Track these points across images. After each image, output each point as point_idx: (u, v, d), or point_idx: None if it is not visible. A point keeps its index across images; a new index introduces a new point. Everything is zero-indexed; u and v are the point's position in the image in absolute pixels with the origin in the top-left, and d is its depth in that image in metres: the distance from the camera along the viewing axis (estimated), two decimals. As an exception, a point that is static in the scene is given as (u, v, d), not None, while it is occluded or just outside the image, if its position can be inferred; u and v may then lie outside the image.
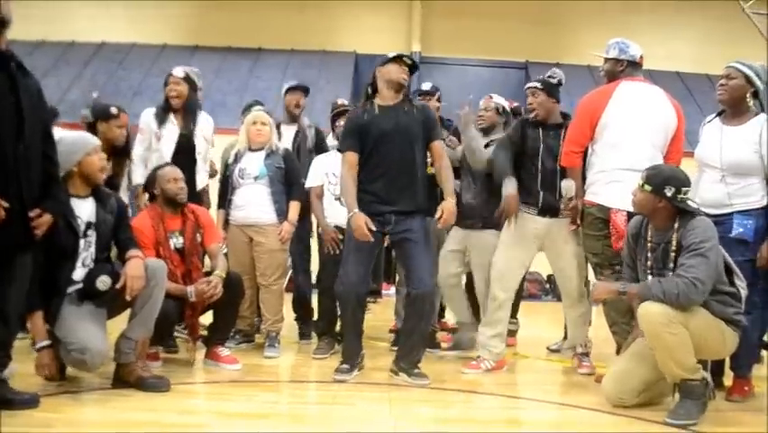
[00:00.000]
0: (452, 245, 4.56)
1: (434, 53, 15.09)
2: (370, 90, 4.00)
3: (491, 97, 4.76)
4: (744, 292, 3.33)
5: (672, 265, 3.30)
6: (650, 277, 3.38)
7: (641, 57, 4.04)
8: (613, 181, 3.84)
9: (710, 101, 3.76)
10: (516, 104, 5.50)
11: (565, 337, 4.84)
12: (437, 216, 3.79)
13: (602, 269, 3.94)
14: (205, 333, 4.24)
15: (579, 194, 4.01)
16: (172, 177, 4.10)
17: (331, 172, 4.70)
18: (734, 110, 3.74)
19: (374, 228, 3.76)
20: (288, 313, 5.25)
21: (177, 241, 4.05)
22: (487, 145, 4.49)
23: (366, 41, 14.90)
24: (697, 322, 3.19)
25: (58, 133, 3.34)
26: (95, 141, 3.62)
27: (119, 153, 4.54)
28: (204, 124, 4.84)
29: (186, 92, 4.78)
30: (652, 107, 3.96)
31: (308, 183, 4.76)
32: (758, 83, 3.71)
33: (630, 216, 3.64)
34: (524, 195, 4.20)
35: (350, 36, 15.10)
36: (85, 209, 3.50)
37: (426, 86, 5.23)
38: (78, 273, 3.45)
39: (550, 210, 4.18)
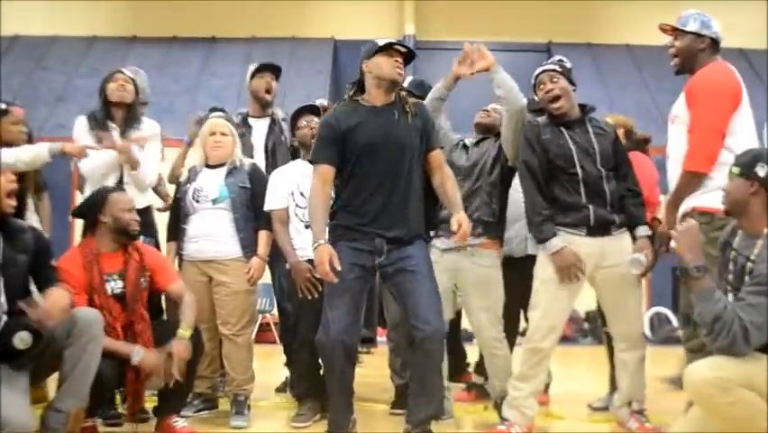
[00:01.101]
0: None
1: (432, 36, 15.20)
2: (354, 88, 3.98)
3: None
4: None
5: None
6: (730, 297, 3.31)
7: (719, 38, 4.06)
8: None
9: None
10: None
11: (612, 391, 4.81)
12: (453, 228, 3.77)
13: None
14: (152, 400, 4.20)
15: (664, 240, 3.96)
16: (128, 206, 4.15)
17: (298, 191, 4.65)
18: None
19: (338, 267, 3.69)
20: (269, 369, 5.24)
21: (115, 285, 4.03)
22: (478, 143, 4.54)
23: (347, 25, 14.99)
24: (763, 374, 3.07)
25: None
26: (2, 157, 3.60)
27: None
28: (148, 132, 4.88)
29: (133, 96, 4.88)
30: None
31: (268, 205, 4.68)
32: None
33: None
34: (566, 213, 4.15)
35: (326, 19, 15.19)
36: None
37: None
38: None
39: (602, 227, 4.14)
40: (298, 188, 4.64)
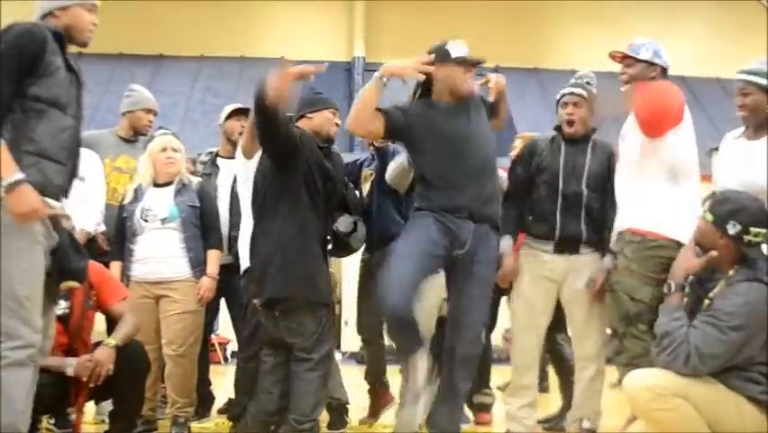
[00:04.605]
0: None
1: (383, 58, 15.18)
2: (419, 90, 4.01)
3: None
4: None
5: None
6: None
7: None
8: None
9: (722, 109, 3.89)
10: None
11: (565, 408, 4.85)
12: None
13: (637, 321, 3.80)
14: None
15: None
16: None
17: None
18: (757, 126, 3.86)
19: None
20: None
21: (60, 306, 3.82)
22: None
23: (296, 45, 14.99)
24: (700, 390, 3.16)
25: None
26: None
27: None
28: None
29: None
30: None
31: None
32: None
33: None
34: (536, 225, 4.26)
35: (275, 39, 15.19)
36: None
37: None
38: None
39: (569, 245, 4.21)
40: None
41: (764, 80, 3.77)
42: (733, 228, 3.27)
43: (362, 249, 4.81)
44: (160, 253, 4.55)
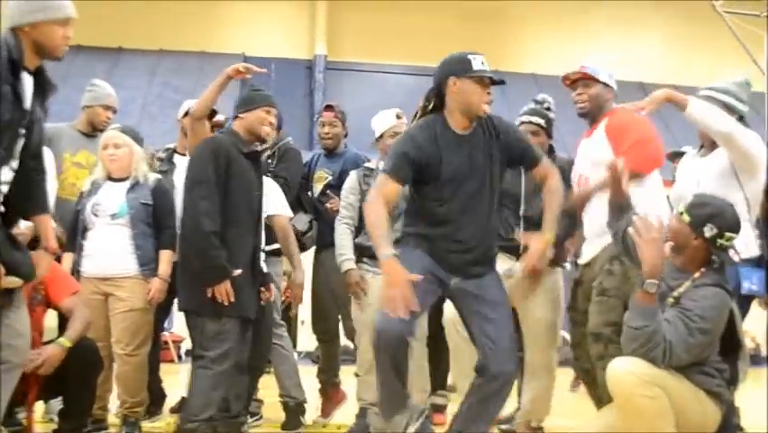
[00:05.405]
0: None
1: (344, 57, 15.29)
2: (432, 103, 3.63)
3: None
4: (744, 375, 3.44)
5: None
6: None
7: None
8: None
9: (679, 116, 3.90)
10: None
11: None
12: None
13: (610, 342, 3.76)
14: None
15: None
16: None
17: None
18: (713, 144, 3.95)
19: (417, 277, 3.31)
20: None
21: None
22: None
23: (258, 42, 14.95)
24: (674, 382, 3.26)
25: None
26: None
27: None
28: None
29: None
30: None
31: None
32: (740, 107, 3.97)
33: None
34: (500, 242, 4.13)
35: (237, 34, 15.13)
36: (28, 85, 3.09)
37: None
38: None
39: None
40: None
41: (728, 98, 3.87)
42: (710, 231, 3.36)
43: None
44: (108, 248, 4.50)
